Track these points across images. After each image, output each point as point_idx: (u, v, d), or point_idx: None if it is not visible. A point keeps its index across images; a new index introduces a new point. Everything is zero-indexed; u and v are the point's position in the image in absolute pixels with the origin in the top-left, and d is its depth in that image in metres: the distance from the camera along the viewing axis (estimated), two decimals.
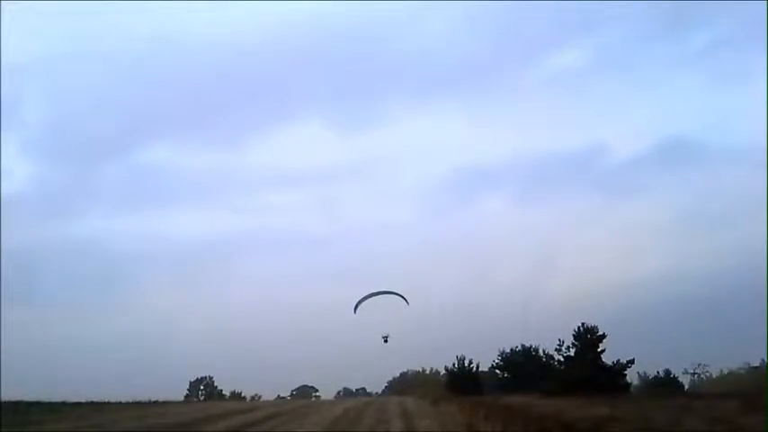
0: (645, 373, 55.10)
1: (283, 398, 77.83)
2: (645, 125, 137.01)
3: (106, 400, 36.91)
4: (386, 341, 36.42)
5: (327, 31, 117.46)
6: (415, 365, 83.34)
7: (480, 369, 50.18)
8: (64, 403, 33.98)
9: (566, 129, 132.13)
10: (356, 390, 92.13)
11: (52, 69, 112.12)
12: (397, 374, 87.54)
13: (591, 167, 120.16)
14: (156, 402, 40.27)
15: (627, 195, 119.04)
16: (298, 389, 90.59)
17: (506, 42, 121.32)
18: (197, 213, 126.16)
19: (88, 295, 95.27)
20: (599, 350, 43.05)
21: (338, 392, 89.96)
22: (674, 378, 52.36)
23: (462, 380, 47.43)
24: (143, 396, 41.17)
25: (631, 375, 46.55)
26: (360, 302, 34.57)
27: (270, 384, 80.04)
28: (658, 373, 51.95)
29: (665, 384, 49.36)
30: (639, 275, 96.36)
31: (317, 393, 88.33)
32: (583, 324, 43.47)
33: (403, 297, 35.39)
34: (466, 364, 49.10)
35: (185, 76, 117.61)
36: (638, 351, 44.83)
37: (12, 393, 33.09)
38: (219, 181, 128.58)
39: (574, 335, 43.59)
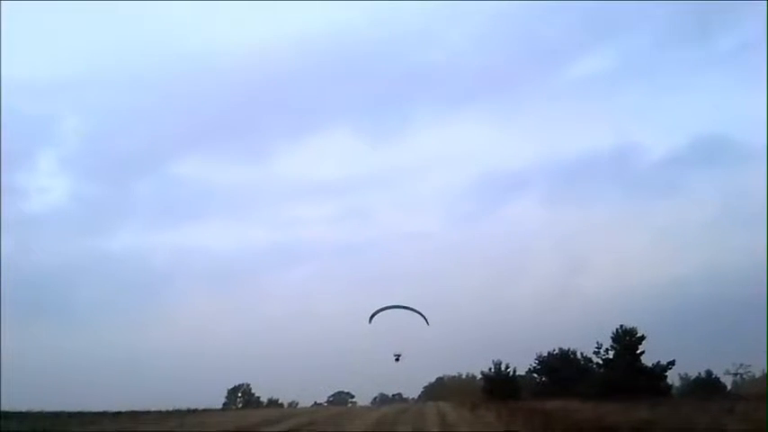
0: (686, 375, 54.17)
1: (320, 404, 78.09)
2: (674, 126, 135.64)
3: (146, 410, 37.41)
4: (397, 360, 33.71)
5: (354, 44, 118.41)
6: (451, 370, 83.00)
7: (517, 373, 49.55)
8: (104, 413, 34.57)
9: (595, 131, 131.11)
10: (392, 395, 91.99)
11: (89, 87, 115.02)
12: (433, 379, 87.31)
13: (624, 168, 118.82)
14: (194, 411, 40.63)
15: (663, 194, 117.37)
16: (334, 395, 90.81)
17: (531, 49, 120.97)
18: (232, 226, 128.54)
19: (127, 307, 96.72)
20: (638, 352, 42.34)
21: (374, 398, 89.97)
22: (716, 379, 51.31)
23: (499, 384, 46.85)
24: (182, 405, 41.65)
25: (672, 377, 45.85)
26: (376, 313, 33.40)
27: (306, 391, 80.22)
28: (700, 374, 50.94)
29: (706, 385, 48.33)
30: (678, 275, 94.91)
31: (353, 399, 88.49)
32: (621, 326, 42.83)
33: (422, 315, 33.93)
34: (502, 369, 48.42)
35: (218, 91, 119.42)
36: (678, 352, 44.06)
37: (53, 404, 33.88)
38: (256, 194, 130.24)
39: (612, 337, 42.94)
